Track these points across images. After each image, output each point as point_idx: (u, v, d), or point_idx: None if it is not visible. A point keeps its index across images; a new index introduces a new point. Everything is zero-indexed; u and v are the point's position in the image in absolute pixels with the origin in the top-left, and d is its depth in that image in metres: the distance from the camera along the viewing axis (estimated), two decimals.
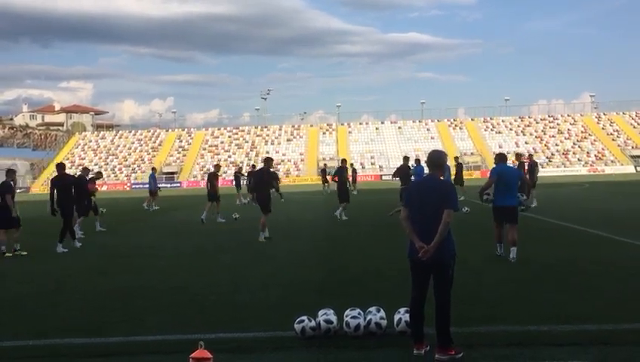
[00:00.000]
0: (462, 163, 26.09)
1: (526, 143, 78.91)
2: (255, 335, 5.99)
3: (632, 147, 77.01)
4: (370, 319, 5.81)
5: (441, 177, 5.62)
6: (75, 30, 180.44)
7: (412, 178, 19.08)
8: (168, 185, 66.25)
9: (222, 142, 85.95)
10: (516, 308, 6.78)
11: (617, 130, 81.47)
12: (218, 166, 22.68)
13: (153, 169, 30.21)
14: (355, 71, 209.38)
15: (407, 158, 21.06)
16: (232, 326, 6.30)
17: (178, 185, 72.15)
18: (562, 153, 76.92)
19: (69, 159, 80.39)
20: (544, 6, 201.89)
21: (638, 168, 70.24)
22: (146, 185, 68.06)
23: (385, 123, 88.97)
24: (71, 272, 10.28)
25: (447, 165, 6.13)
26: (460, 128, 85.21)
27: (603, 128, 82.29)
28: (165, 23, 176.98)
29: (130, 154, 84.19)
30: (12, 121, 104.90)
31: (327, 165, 50.38)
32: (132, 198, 40.86)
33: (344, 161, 20.98)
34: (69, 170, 14.10)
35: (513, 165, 15.82)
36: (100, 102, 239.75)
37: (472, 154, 78.02)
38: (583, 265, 9.30)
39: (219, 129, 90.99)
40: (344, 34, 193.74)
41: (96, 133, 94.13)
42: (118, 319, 6.81)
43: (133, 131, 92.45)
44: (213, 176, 20.41)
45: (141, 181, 73.36)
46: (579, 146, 78.27)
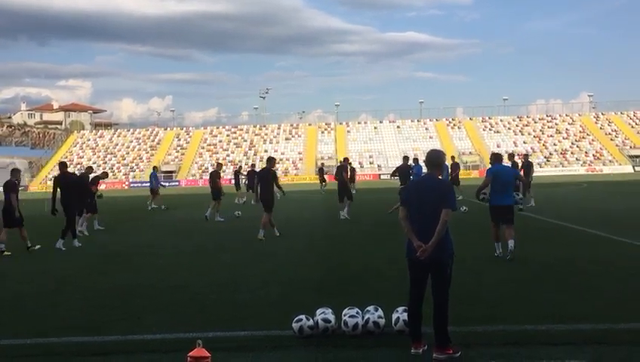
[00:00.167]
0: (458, 162, 26.13)
1: (524, 143, 78.95)
2: (253, 334, 5.99)
3: (630, 147, 77.07)
4: (369, 318, 5.82)
5: (440, 177, 5.65)
6: (72, 28, 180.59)
7: (412, 177, 19.12)
8: (167, 184, 66.17)
9: (220, 141, 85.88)
10: (514, 307, 6.79)
11: (615, 130, 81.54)
12: (220, 164, 22.69)
13: (155, 168, 30.10)
14: (353, 70, 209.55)
15: (406, 158, 21.12)
16: (231, 325, 6.30)
17: (176, 183, 72.15)
18: (560, 153, 76.97)
19: (67, 158, 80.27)
20: (542, 6, 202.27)
21: (636, 168, 70.28)
22: (144, 184, 68.61)
23: (383, 122, 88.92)
24: (70, 271, 10.28)
25: (445, 165, 6.16)
26: (459, 128, 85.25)
27: (601, 128, 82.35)
28: (163, 21, 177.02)
29: (128, 153, 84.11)
30: (10, 119, 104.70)
31: (324, 164, 50.36)
32: (131, 197, 40.86)
33: (345, 159, 21.00)
34: (68, 169, 14.14)
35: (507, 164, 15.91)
36: (99, 101, 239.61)
37: (470, 153, 78.04)
38: (581, 265, 9.32)
39: (217, 128, 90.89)
40: (342, 33, 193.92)
41: (94, 131, 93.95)
42: (117, 318, 6.81)
43: (132, 130, 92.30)
44: (215, 175, 20.45)
45: (139, 179, 73.41)
46: (577, 146, 78.32)
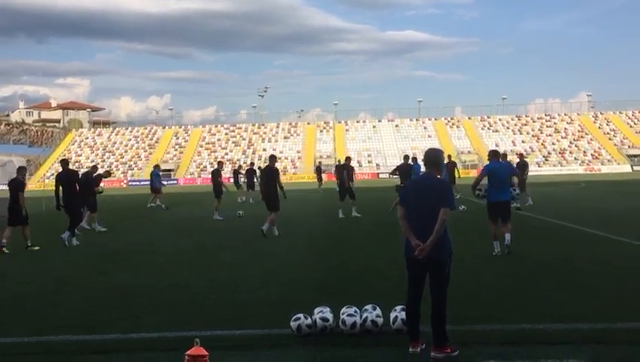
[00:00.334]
0: (454, 162, 26.17)
1: (523, 142, 79.05)
2: (251, 333, 5.99)
3: (629, 146, 77.20)
4: (367, 317, 5.82)
5: (439, 176, 5.64)
6: (70, 26, 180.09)
7: (412, 176, 19.13)
8: (165, 183, 65.97)
9: (219, 140, 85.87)
10: (512, 306, 6.79)
11: (614, 130, 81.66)
12: (221, 162, 22.69)
13: (157, 166, 29.92)
14: (352, 69, 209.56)
15: (407, 157, 21.17)
16: (231, 325, 6.28)
17: (175, 182, 72.10)
18: (559, 152, 77.06)
19: (65, 156, 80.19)
20: (541, 5, 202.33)
21: (635, 167, 70.36)
22: (143, 183, 68.51)
23: (382, 121, 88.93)
24: (70, 271, 10.25)
25: (444, 164, 6.20)
26: (457, 127, 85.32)
27: (600, 127, 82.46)
28: (162, 19, 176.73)
29: (126, 151, 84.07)
30: (8, 117, 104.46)
31: (321, 163, 50.40)
32: (129, 195, 40.86)
33: (347, 158, 20.97)
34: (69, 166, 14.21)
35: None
36: (97, 99, 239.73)
37: (468, 152, 78.15)
38: (580, 264, 9.32)
39: (216, 126, 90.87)
40: (341, 32, 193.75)
41: (92, 129, 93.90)
42: (116, 318, 6.80)
43: (130, 128, 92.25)
44: (216, 173, 20.44)
45: (138, 178, 73.36)
46: (575, 145, 78.42)
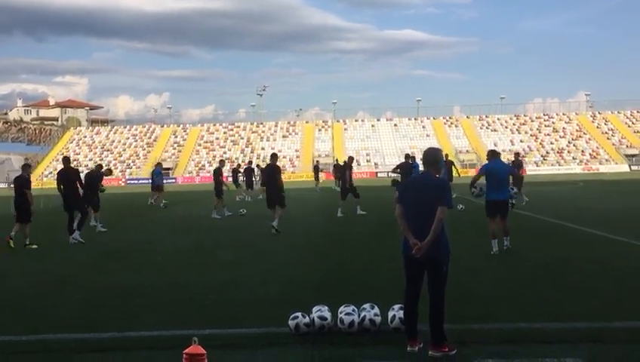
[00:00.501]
0: (451, 161, 26.25)
1: (521, 141, 79.08)
2: (249, 332, 5.99)
3: (627, 146, 77.25)
4: (365, 316, 5.82)
5: (437, 175, 5.63)
6: (69, 24, 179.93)
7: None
8: (164, 181, 65.87)
9: (217, 138, 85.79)
10: (510, 305, 6.80)
11: (612, 129, 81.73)
12: (223, 161, 22.71)
13: (159, 165, 29.89)
14: (350, 68, 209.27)
15: (408, 156, 21.26)
16: (230, 324, 6.28)
17: (173, 180, 72.04)
18: (557, 151, 77.11)
19: (63, 154, 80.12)
20: (540, 5, 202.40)
21: (633, 167, 70.48)
22: (141, 181, 68.47)
23: (381, 120, 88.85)
24: (68, 269, 10.26)
25: (443, 162, 6.19)
26: (456, 126, 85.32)
27: (598, 127, 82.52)
28: (160, 17, 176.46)
29: (125, 150, 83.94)
30: (6, 115, 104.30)
31: (319, 162, 50.36)
32: (128, 194, 40.81)
33: (350, 158, 20.94)
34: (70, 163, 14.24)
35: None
36: (95, 97, 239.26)
37: (467, 151, 78.18)
38: (578, 264, 9.33)
39: (214, 125, 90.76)
40: (340, 30, 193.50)
41: (91, 128, 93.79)
42: (115, 316, 6.79)
43: (128, 126, 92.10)
44: (218, 172, 20.46)
45: (136, 176, 73.31)
46: (574, 145, 78.47)
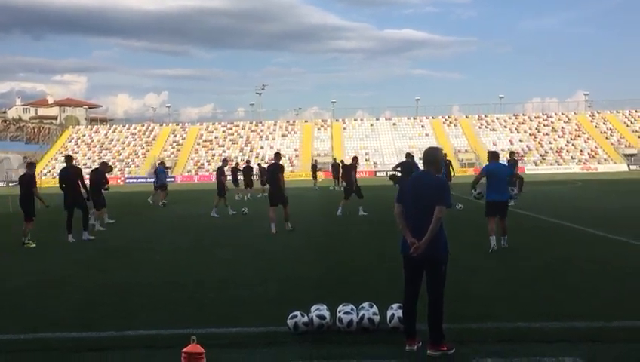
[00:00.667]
0: (449, 160, 26.28)
1: (520, 141, 79.11)
2: (248, 331, 5.99)
3: (625, 146, 77.30)
4: (363, 315, 5.83)
5: (437, 174, 5.63)
6: (67, 22, 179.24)
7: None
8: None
9: (216, 137, 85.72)
10: (509, 305, 6.80)
11: (611, 129, 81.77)
12: (226, 160, 22.72)
13: (162, 163, 29.85)
14: (349, 67, 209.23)
15: (408, 155, 21.26)
16: (229, 323, 6.28)
17: (172, 179, 71.97)
18: (556, 151, 77.14)
19: (62, 153, 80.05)
20: (539, 4, 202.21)
21: (631, 167, 70.56)
22: (140, 180, 68.45)
23: (380, 119, 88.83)
24: (67, 267, 10.25)
25: (443, 162, 6.17)
26: (455, 125, 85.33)
27: (596, 127, 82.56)
28: (160, 16, 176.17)
29: (124, 149, 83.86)
30: (5, 114, 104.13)
31: (317, 161, 50.34)
32: (127, 192, 40.81)
33: (354, 158, 20.98)
34: (62, 164, 14.26)
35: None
36: (94, 96, 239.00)
37: (466, 151, 78.20)
38: (577, 264, 9.33)
39: (213, 124, 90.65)
40: (339, 30, 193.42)
41: (89, 126, 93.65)
42: (113, 315, 6.79)
43: (127, 125, 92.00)
44: (220, 171, 20.47)
45: (135, 175, 73.26)
46: (572, 144, 78.49)
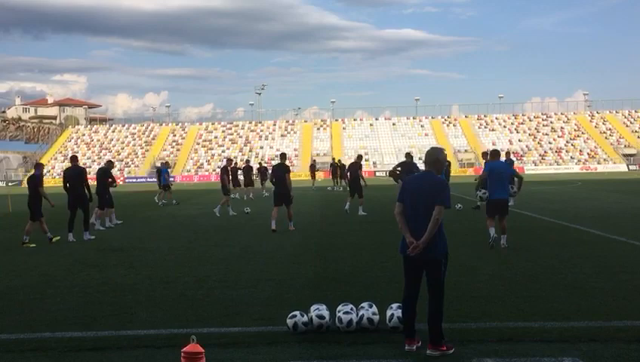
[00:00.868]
0: (449, 161, 26.31)
1: (519, 141, 79.15)
2: (247, 330, 5.99)
3: (625, 146, 77.36)
4: (363, 314, 5.83)
5: (439, 175, 5.64)
6: (67, 22, 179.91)
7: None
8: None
9: (216, 137, 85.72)
10: (508, 304, 6.80)
11: (610, 129, 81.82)
12: (230, 160, 22.72)
13: (166, 164, 29.78)
14: (349, 67, 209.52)
15: (408, 155, 21.27)
16: (225, 322, 6.29)
17: (172, 179, 71.86)
18: (555, 151, 77.17)
19: (61, 152, 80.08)
20: (538, 4, 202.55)
21: (630, 167, 70.60)
22: (140, 180, 68.44)
23: (379, 119, 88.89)
24: (65, 267, 10.24)
25: (444, 162, 6.16)
26: (454, 125, 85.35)
27: (596, 127, 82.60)
28: (159, 16, 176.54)
29: (123, 148, 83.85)
30: (5, 113, 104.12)
31: (316, 161, 50.35)
32: (127, 192, 40.78)
33: (359, 157, 20.98)
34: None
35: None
36: (94, 96, 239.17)
37: (465, 151, 78.23)
38: (577, 264, 9.32)
39: (213, 124, 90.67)
40: (338, 29, 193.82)
41: (89, 126, 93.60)
42: (111, 315, 6.78)
43: (127, 125, 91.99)
44: (223, 170, 20.49)
45: (134, 175, 73.23)
46: (572, 144, 78.52)
